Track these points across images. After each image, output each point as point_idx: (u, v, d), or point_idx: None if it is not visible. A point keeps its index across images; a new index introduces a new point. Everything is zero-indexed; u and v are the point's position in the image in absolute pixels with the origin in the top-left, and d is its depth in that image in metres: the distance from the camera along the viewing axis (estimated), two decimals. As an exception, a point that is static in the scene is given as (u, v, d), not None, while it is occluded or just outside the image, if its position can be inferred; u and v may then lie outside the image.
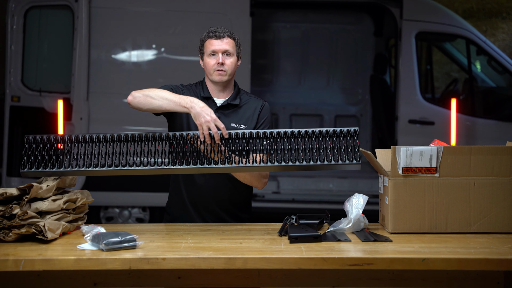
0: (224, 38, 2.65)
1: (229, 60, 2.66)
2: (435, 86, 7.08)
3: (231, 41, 2.67)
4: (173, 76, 5.26)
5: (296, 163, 2.43)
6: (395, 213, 2.44)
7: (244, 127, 2.69)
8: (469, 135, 5.48)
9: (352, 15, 6.70)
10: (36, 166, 2.44)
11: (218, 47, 2.64)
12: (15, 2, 5.34)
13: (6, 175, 5.37)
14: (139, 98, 2.53)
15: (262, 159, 2.45)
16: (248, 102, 2.75)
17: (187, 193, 2.72)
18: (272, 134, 2.50)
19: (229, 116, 2.70)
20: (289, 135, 2.49)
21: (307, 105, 6.73)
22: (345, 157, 2.42)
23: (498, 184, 2.45)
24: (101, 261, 2.05)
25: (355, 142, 2.46)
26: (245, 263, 2.08)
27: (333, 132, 2.48)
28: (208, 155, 2.46)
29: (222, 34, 2.65)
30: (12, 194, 2.23)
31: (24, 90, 5.36)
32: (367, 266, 2.09)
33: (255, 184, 2.67)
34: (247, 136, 2.49)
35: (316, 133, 2.48)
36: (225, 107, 2.71)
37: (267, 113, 2.75)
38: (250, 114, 2.72)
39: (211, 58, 2.66)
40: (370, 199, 2.51)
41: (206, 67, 2.68)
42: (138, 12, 5.39)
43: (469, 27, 5.73)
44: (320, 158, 2.43)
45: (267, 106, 2.77)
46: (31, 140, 2.48)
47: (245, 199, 2.80)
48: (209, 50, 2.65)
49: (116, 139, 2.49)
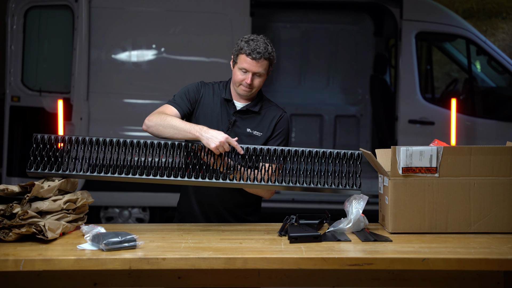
0: (260, 60, 2.59)
1: (257, 80, 2.63)
2: (435, 86, 7.08)
3: (266, 63, 2.62)
4: (173, 76, 5.27)
5: (302, 184, 2.50)
6: (395, 213, 2.44)
7: (259, 134, 2.68)
8: (469, 135, 5.48)
9: (352, 15, 6.70)
10: (42, 167, 2.44)
11: (250, 68, 2.60)
12: (15, 2, 5.34)
13: (6, 175, 5.36)
14: (152, 128, 2.56)
15: (272, 169, 2.48)
16: (268, 110, 2.73)
17: (195, 193, 2.73)
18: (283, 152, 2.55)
19: (246, 121, 2.70)
20: (293, 154, 2.54)
21: (307, 105, 6.72)
22: (346, 182, 2.50)
23: (498, 184, 2.45)
24: (101, 261, 2.05)
25: (357, 167, 2.52)
26: (245, 263, 2.08)
27: (336, 155, 2.55)
28: (215, 167, 2.49)
29: (260, 56, 2.58)
30: (13, 191, 2.23)
31: (24, 90, 5.36)
32: (367, 266, 2.09)
33: (262, 194, 2.69)
34: (258, 152, 2.54)
35: (320, 154, 2.55)
36: (244, 112, 2.70)
37: (284, 125, 2.73)
38: (267, 122, 2.71)
39: (241, 73, 2.62)
40: (370, 199, 2.51)
41: (234, 77, 2.66)
42: (138, 12, 5.39)
43: (469, 27, 5.73)
44: (321, 181, 2.51)
45: (285, 117, 2.74)
46: (39, 139, 2.48)
47: (252, 202, 2.78)
48: (242, 66, 2.61)
49: (122, 144, 2.51)
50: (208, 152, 2.49)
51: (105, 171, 2.45)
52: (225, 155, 2.50)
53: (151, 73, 5.39)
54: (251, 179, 2.48)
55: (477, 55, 5.80)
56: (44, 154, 2.46)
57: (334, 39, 6.73)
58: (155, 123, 2.54)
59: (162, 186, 2.87)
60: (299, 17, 6.79)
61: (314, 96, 6.77)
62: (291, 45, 6.77)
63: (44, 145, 2.47)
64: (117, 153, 2.49)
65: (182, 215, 2.80)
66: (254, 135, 2.68)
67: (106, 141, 2.51)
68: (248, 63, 2.59)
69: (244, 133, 2.67)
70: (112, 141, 2.51)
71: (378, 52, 6.55)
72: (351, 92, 6.81)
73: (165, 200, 5.15)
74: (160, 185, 4.52)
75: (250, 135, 2.67)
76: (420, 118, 5.47)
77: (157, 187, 4.99)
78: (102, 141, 2.51)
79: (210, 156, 2.49)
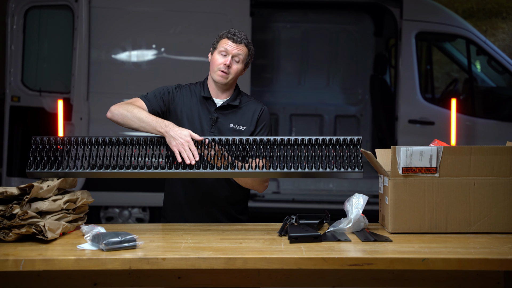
0: (240, 44, 2.66)
1: (235, 65, 2.66)
2: (435, 86, 7.08)
3: (245, 49, 2.68)
4: (173, 76, 5.27)
5: (298, 169, 2.44)
6: (395, 213, 2.44)
7: (243, 128, 2.70)
8: (469, 135, 5.48)
9: (352, 15, 6.70)
10: (42, 166, 2.44)
11: (230, 49, 2.65)
12: (15, 2, 5.34)
13: (6, 175, 5.37)
14: (117, 116, 2.54)
15: (263, 164, 2.45)
16: (248, 104, 2.75)
17: (184, 194, 2.72)
18: (275, 141, 2.51)
19: (228, 116, 2.71)
20: (293, 142, 2.50)
21: (307, 105, 6.73)
22: (347, 165, 2.44)
23: (498, 184, 2.45)
24: (101, 261, 2.05)
25: (358, 150, 2.47)
26: (245, 263, 2.08)
27: (336, 141, 2.50)
28: (210, 161, 2.46)
29: (239, 39, 2.66)
30: (12, 193, 2.23)
31: (24, 90, 5.36)
32: (367, 266, 2.09)
33: (256, 188, 2.68)
34: (250, 142, 2.50)
35: (319, 141, 2.50)
36: (225, 108, 2.71)
37: (266, 118, 2.75)
38: (249, 116, 2.72)
39: (220, 56, 2.66)
40: (370, 199, 2.51)
41: (212, 63, 2.69)
42: (138, 12, 5.39)
43: (469, 27, 5.73)
44: (323, 166, 2.44)
45: (266, 110, 2.77)
46: (38, 141, 2.49)
47: (243, 200, 2.80)
48: (222, 47, 2.66)
49: (122, 142, 2.51)
50: (208, 145, 2.47)
51: (105, 168, 2.44)
52: (224, 150, 2.48)
53: (151, 73, 5.39)
54: (253, 167, 2.45)
55: (477, 55, 5.80)
56: (43, 155, 2.46)
57: (334, 39, 6.73)
58: (120, 112, 2.53)
59: (162, 186, 2.85)
60: (299, 17, 6.79)
61: (314, 96, 6.78)
62: (291, 45, 6.77)
63: (43, 146, 2.48)
64: (117, 150, 2.48)
65: (168, 220, 2.77)
66: (238, 129, 2.69)
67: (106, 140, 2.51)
68: (229, 45, 2.65)
69: (228, 129, 2.68)
70: (112, 140, 2.51)
71: (378, 52, 6.56)
72: (351, 92, 6.81)
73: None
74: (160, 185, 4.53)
75: (234, 130, 2.68)
76: (420, 118, 5.47)
77: (157, 187, 4.99)
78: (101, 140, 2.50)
79: (210, 149, 2.47)
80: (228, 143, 2.50)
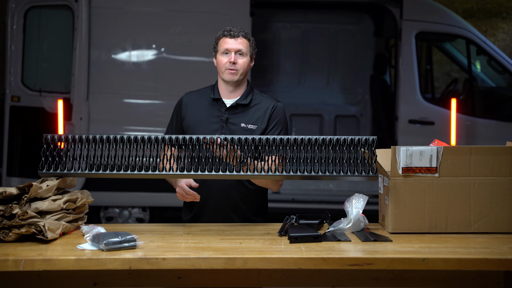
0: (239, 38, 2.67)
1: (241, 59, 2.67)
2: (435, 86, 7.08)
3: (245, 41, 2.69)
4: (173, 76, 5.27)
5: (311, 173, 2.40)
6: (395, 213, 2.44)
7: (253, 127, 2.68)
8: (469, 135, 5.48)
9: (352, 15, 6.70)
10: (54, 167, 2.42)
11: (231, 46, 2.66)
12: (15, 2, 5.34)
13: (6, 175, 5.36)
14: None
15: (279, 161, 2.41)
16: (260, 102, 2.74)
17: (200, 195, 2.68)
18: (288, 140, 2.44)
19: (239, 116, 2.70)
20: (306, 142, 2.44)
21: (307, 105, 6.72)
22: (361, 168, 2.40)
23: (498, 184, 2.45)
24: (101, 261, 2.05)
25: (372, 152, 2.43)
26: (245, 263, 2.08)
27: (350, 141, 2.45)
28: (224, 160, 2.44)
29: (236, 33, 2.67)
30: (11, 193, 2.23)
31: (24, 90, 5.36)
32: (367, 266, 2.09)
33: (270, 186, 2.68)
34: (263, 142, 2.44)
35: (333, 141, 2.45)
36: (234, 108, 2.70)
37: (279, 114, 2.72)
38: (260, 114, 2.70)
39: (224, 56, 2.67)
40: (370, 199, 2.51)
41: (219, 65, 2.70)
42: (138, 12, 5.39)
43: (469, 27, 5.73)
44: (336, 169, 2.39)
45: (280, 106, 2.75)
46: (50, 139, 2.45)
47: (259, 201, 2.77)
48: (223, 48, 2.67)
49: (133, 140, 2.45)
50: (220, 144, 2.43)
51: (117, 169, 2.40)
52: (237, 148, 2.43)
53: (151, 73, 5.39)
54: (265, 170, 2.40)
55: (477, 55, 5.80)
56: (55, 155, 2.43)
57: (334, 39, 6.73)
58: None
59: (162, 186, 2.85)
60: (299, 17, 6.79)
61: (314, 96, 6.78)
62: (291, 45, 6.77)
63: (55, 145, 2.44)
64: (129, 150, 2.43)
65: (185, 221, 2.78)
66: (249, 128, 2.67)
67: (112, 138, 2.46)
68: (228, 42, 2.67)
69: (239, 129, 2.67)
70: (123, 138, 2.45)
71: (378, 52, 6.56)
72: (351, 92, 6.81)
73: (165, 200, 5.15)
74: (160, 185, 4.52)
75: (245, 129, 2.67)
76: (420, 118, 5.47)
77: (157, 187, 4.99)
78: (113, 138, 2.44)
79: (222, 149, 2.43)
80: (240, 142, 2.44)
